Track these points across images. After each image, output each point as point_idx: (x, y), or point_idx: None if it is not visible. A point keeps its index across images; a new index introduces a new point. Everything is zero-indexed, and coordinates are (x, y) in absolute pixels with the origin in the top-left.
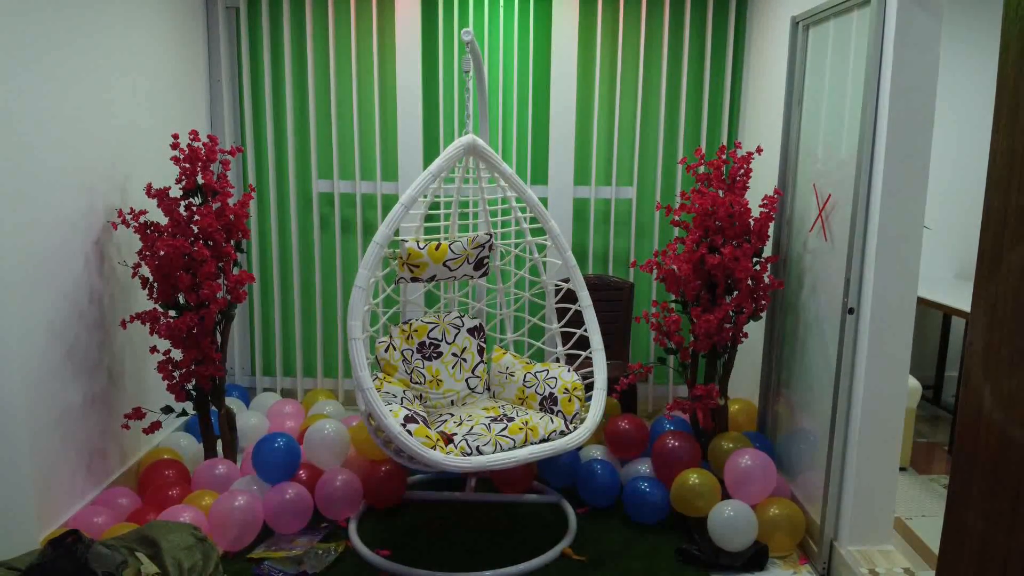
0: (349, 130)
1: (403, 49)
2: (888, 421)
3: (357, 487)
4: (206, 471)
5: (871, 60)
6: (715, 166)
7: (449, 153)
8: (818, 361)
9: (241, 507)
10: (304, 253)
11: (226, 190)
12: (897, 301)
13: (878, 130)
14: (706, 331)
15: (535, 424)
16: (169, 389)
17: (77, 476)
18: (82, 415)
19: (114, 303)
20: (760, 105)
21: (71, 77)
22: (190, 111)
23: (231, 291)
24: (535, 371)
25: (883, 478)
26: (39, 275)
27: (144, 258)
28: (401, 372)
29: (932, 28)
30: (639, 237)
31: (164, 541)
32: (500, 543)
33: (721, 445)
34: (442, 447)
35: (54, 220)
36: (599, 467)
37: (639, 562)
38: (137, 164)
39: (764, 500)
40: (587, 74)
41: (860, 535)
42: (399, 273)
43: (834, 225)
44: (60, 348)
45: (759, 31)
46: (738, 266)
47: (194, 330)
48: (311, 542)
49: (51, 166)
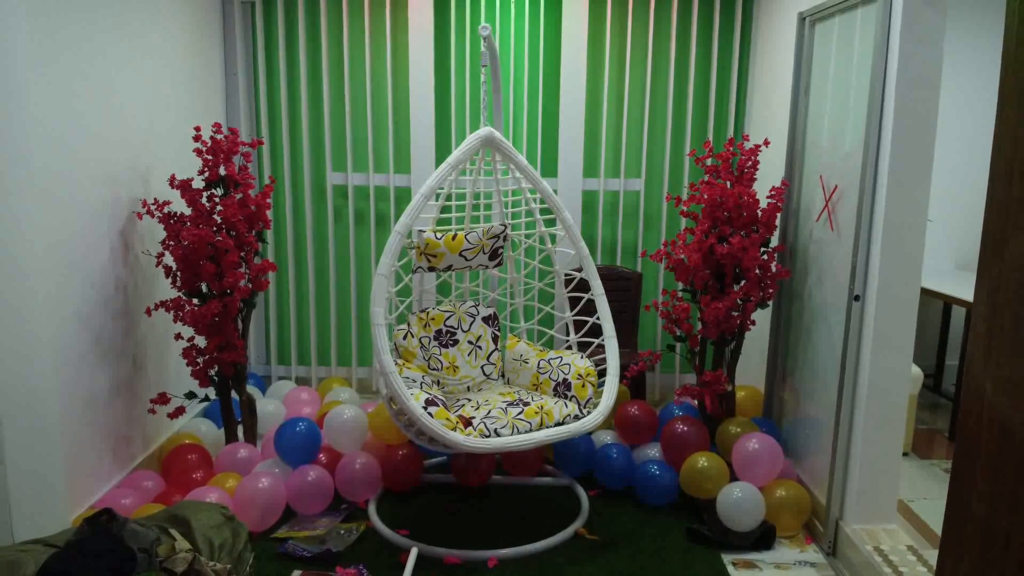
0: (363, 123)
1: (416, 43)
2: (893, 405)
3: (376, 470)
4: (229, 455)
5: (877, 54)
6: (723, 158)
7: (468, 145)
8: (824, 348)
9: (265, 488)
10: (318, 244)
11: (248, 181)
12: (902, 289)
13: (884, 123)
14: (715, 319)
15: (550, 408)
16: (193, 375)
17: (104, 459)
18: (108, 400)
19: (138, 292)
20: (767, 98)
21: (96, 73)
22: (207, 104)
23: (253, 279)
24: (549, 358)
25: (888, 459)
26: (68, 264)
27: (168, 247)
28: (419, 359)
29: (937, 23)
30: (647, 228)
31: (195, 520)
32: (515, 524)
33: (729, 430)
34: (461, 429)
35: (81, 211)
36: (615, 451)
37: (650, 541)
38: (158, 156)
39: (771, 482)
40: (596, 68)
41: (865, 515)
42: (416, 263)
43: (840, 215)
44: (88, 335)
45: (766, 26)
46: (746, 255)
47: (217, 317)
48: (333, 522)
49: (80, 158)
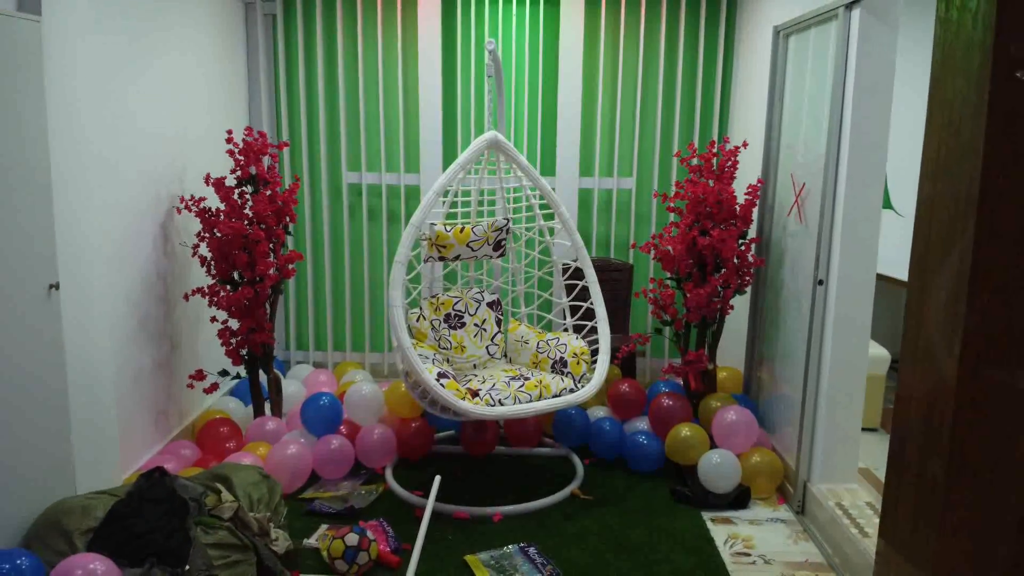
0: (375, 126)
1: (425, 52)
2: (852, 380)
3: (391, 440)
4: (258, 427)
5: (837, 65)
6: (706, 159)
7: (475, 147)
8: (793, 329)
9: (294, 455)
10: (334, 238)
11: (276, 179)
12: (860, 273)
13: (843, 127)
14: (697, 304)
15: (548, 382)
16: (227, 354)
17: (147, 429)
18: (151, 377)
19: (175, 279)
20: (746, 104)
21: (141, 84)
22: (232, 109)
23: (281, 268)
24: (547, 339)
25: (848, 428)
26: (119, 254)
27: (203, 239)
28: (430, 339)
29: (888, 38)
30: (638, 224)
31: (235, 477)
32: (517, 487)
33: (710, 404)
34: (470, 399)
35: (129, 206)
36: (607, 424)
37: (639, 501)
38: (191, 156)
39: (747, 450)
40: (591, 76)
41: (829, 476)
42: (427, 253)
43: (808, 209)
44: (135, 317)
45: (746, 38)
46: (725, 247)
47: (248, 302)
48: (354, 485)
49: (127, 160)
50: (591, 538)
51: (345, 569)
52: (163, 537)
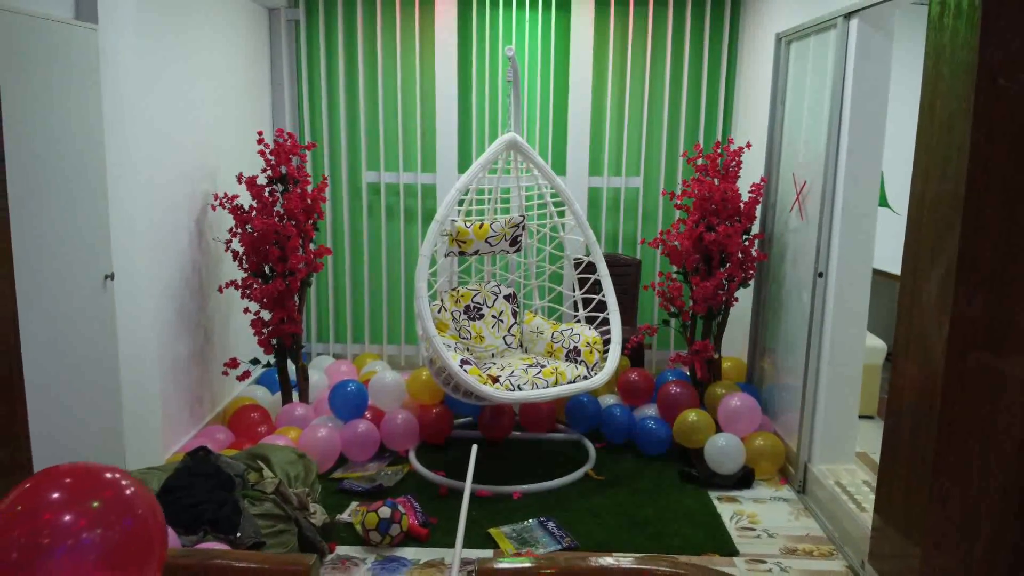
0: (394, 127)
1: (441, 57)
2: (850, 366)
3: (414, 424)
4: (287, 413)
5: (837, 71)
6: (711, 159)
7: (495, 148)
8: (795, 320)
9: (324, 437)
10: (354, 235)
11: (305, 178)
12: (857, 266)
13: (842, 128)
14: (703, 296)
15: (563, 370)
16: (260, 343)
17: (184, 413)
18: (187, 364)
19: (208, 272)
20: (750, 107)
21: (179, 90)
22: (257, 112)
23: (309, 262)
24: (561, 330)
25: (847, 411)
26: (160, 248)
27: (236, 234)
28: (451, 329)
29: (885, 45)
30: (645, 221)
31: (273, 456)
32: (533, 469)
33: (716, 391)
34: (491, 384)
35: (169, 204)
36: (618, 410)
37: (649, 481)
38: (222, 156)
39: (751, 434)
40: (601, 79)
41: (828, 457)
42: (448, 248)
43: (808, 206)
44: (173, 308)
45: (749, 44)
46: (730, 242)
47: (278, 294)
48: (380, 466)
49: (167, 160)
50: (605, 514)
51: (379, 540)
52: (215, 507)
